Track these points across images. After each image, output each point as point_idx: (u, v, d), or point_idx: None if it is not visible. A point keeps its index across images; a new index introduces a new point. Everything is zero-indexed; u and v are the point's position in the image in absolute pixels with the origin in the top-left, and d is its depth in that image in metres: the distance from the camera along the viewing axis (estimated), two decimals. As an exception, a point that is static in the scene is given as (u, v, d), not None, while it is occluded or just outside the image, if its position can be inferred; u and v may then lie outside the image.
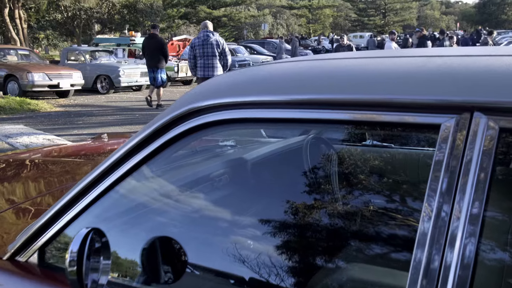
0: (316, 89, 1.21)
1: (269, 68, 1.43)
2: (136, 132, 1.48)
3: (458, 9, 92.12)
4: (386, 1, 65.30)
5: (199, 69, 8.89)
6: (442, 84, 1.10)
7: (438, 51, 1.47)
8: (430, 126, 1.10)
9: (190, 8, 45.79)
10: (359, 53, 1.53)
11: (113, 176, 1.47)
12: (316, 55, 1.59)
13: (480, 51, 1.41)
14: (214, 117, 1.32)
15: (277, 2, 72.39)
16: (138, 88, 16.94)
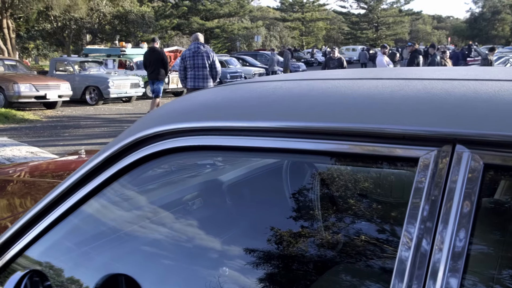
0: (278, 115, 1.08)
1: (230, 91, 1.30)
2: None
3: (449, 23, 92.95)
4: (378, 14, 65.78)
5: (189, 80, 8.96)
6: (420, 112, 0.98)
7: (418, 72, 1.35)
8: (406, 159, 0.98)
9: (183, 19, 45.80)
10: (332, 73, 1.41)
11: (63, 206, 1.35)
12: (284, 75, 1.47)
13: (465, 74, 1.29)
14: (168, 145, 1.19)
15: (270, 14, 72.70)
16: (128, 100, 16.79)
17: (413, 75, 1.26)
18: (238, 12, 50.94)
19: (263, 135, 1.08)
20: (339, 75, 1.36)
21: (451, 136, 0.92)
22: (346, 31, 69.74)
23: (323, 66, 14.28)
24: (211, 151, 1.22)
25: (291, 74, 1.48)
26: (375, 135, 0.98)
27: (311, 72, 1.54)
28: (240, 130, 1.11)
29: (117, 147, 1.24)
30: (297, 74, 1.49)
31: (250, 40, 58.97)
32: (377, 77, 1.25)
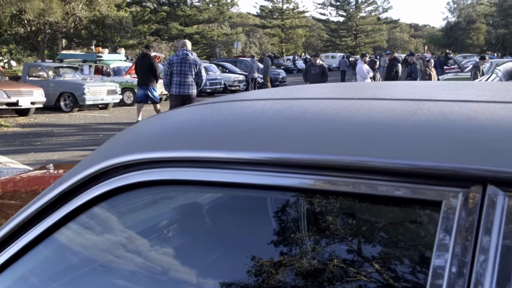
0: (266, 144, 0.88)
1: (209, 112, 1.10)
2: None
3: (426, 32, 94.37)
4: (357, 22, 66.36)
5: (174, 86, 9.04)
6: (439, 144, 0.79)
7: (427, 90, 1.16)
8: (424, 202, 0.78)
9: (161, 24, 45.44)
10: (324, 91, 1.21)
11: (9, 250, 1.14)
12: (271, 92, 1.28)
13: (480, 94, 1.11)
14: (132, 179, 0.98)
15: (250, 21, 72.78)
16: (105, 107, 16.43)
17: (422, 94, 1.07)
18: (218, 18, 50.80)
19: (248, 168, 0.88)
20: (333, 93, 1.16)
21: (481, 175, 0.73)
22: (326, 39, 70.20)
23: (304, 73, 13.99)
24: (184, 187, 1.01)
25: (279, 91, 1.28)
26: (385, 171, 0.79)
27: (299, 88, 1.35)
28: (220, 162, 0.91)
29: (72, 182, 1.03)
30: (286, 90, 1.30)
31: (230, 46, 58.87)
32: (378, 97, 1.06)
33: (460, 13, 70.76)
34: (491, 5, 54.82)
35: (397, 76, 13.23)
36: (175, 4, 47.92)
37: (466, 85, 1.27)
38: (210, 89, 21.90)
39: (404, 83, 1.45)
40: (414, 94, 1.08)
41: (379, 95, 1.07)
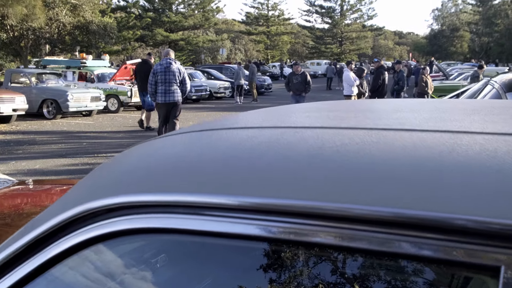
0: (244, 185, 0.75)
1: (187, 143, 0.95)
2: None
3: (410, 39, 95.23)
4: (342, 29, 66.70)
5: (160, 95, 9.13)
6: (489, 192, 0.65)
7: (452, 116, 1.01)
8: (476, 267, 0.64)
9: (146, 30, 45.16)
10: (321, 115, 1.07)
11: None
12: (250, 115, 1.14)
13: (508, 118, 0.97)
14: (120, 225, 0.83)
15: (235, 27, 72.78)
16: (88, 114, 16.16)
17: (452, 124, 0.92)
18: (203, 25, 50.66)
19: (232, 215, 0.75)
20: (335, 118, 1.02)
21: None
22: (311, 45, 70.39)
23: (287, 82, 13.64)
24: (180, 236, 0.86)
25: (267, 116, 1.14)
26: (414, 223, 0.65)
27: (285, 110, 1.21)
28: (196, 207, 0.77)
29: (44, 228, 0.88)
30: (279, 116, 1.15)
31: (215, 52, 58.75)
32: (403, 127, 0.90)
33: (444, 21, 71.54)
34: (475, 13, 55.46)
35: (384, 84, 13.17)
36: (160, 10, 47.70)
37: (499, 107, 1.14)
38: (195, 96, 21.70)
39: (414, 104, 1.31)
40: (436, 120, 0.93)
41: (395, 124, 0.92)
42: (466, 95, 9.27)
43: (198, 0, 49.62)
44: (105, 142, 10.98)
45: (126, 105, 17.51)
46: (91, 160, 8.81)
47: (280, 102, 12.81)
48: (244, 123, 1.06)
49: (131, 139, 11.43)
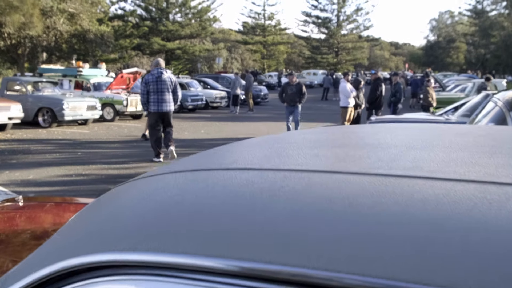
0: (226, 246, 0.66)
1: (181, 189, 0.87)
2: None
3: (406, 50, 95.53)
4: (338, 40, 66.88)
5: (152, 104, 9.28)
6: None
7: (473, 152, 0.94)
8: None
9: (143, 39, 45.15)
10: (324, 153, 0.98)
11: None
12: (249, 148, 1.07)
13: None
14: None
15: (232, 37, 72.88)
16: (84, 122, 16.07)
17: (475, 169, 0.81)
18: (200, 34, 50.70)
19: (233, 283, 0.66)
20: (344, 157, 0.93)
21: None
22: (307, 55, 70.53)
23: (281, 93, 13.29)
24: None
25: (267, 149, 1.07)
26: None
27: (287, 142, 1.14)
28: (193, 271, 0.68)
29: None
30: (273, 145, 1.07)
31: (212, 61, 58.79)
32: (408, 173, 0.80)
33: (440, 32, 71.85)
34: (471, 25, 55.74)
35: (381, 96, 13.14)
36: (157, 19, 47.74)
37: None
38: (191, 105, 21.64)
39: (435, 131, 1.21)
40: (463, 165, 0.84)
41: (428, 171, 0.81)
42: (465, 108, 9.24)
43: (195, 10, 49.71)
44: (100, 152, 10.88)
45: (122, 114, 17.42)
46: (85, 171, 8.72)
47: (276, 112, 12.83)
48: (243, 160, 0.97)
49: (125, 149, 11.34)
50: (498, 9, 46.31)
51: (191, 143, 12.60)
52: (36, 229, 2.30)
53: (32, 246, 1.87)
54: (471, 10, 56.96)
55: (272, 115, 20.26)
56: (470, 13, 57.02)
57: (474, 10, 55.57)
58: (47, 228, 2.38)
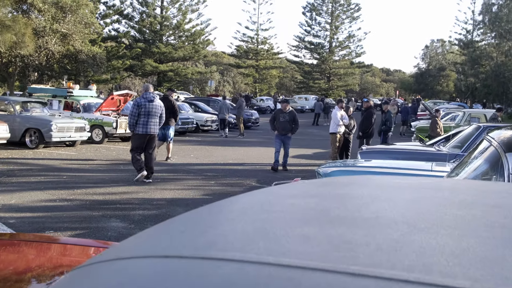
0: None
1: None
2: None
3: (397, 77, 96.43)
4: (330, 65, 67.40)
5: (141, 126, 9.74)
6: None
7: (489, 239, 0.80)
8: None
9: (136, 60, 45.26)
10: (319, 236, 0.83)
11: None
12: (226, 222, 0.92)
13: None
14: None
15: (224, 60, 73.26)
16: (72, 144, 15.85)
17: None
18: (193, 57, 50.94)
19: None
20: (340, 244, 0.79)
21: None
22: (299, 80, 70.93)
23: (272, 120, 12.54)
24: None
25: (247, 223, 0.92)
26: None
27: (274, 212, 1.00)
28: None
29: None
30: (254, 218, 0.93)
31: (204, 84, 58.99)
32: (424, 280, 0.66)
33: (430, 60, 72.69)
34: (461, 54, 56.44)
35: (374, 124, 13.12)
36: (150, 41, 47.95)
37: None
38: (182, 128, 21.48)
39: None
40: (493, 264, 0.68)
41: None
42: (457, 140, 9.18)
43: (189, 33, 50.03)
44: (86, 176, 10.67)
45: (111, 136, 17.23)
46: (70, 196, 8.50)
47: (267, 137, 12.70)
48: (222, 241, 0.82)
49: (113, 172, 11.14)
50: (488, 40, 47.00)
51: (179, 167, 12.42)
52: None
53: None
54: (461, 40, 57.76)
55: (262, 140, 20.15)
56: (460, 42, 57.81)
57: (464, 40, 56.38)
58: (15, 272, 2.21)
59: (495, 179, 3.39)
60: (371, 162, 7.47)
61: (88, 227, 6.64)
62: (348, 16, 66.79)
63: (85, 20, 28.80)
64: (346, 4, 66.27)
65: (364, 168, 6.89)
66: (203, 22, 51.30)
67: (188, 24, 50.19)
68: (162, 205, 8.17)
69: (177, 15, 49.81)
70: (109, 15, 42.88)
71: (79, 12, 28.09)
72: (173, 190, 9.40)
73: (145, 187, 9.53)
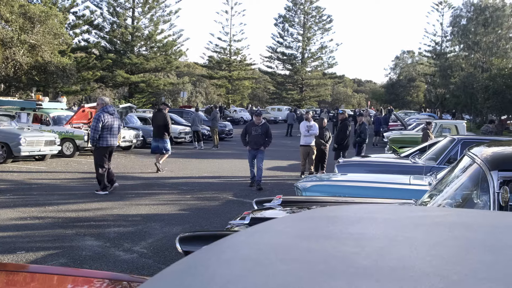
0: None
1: None
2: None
3: (368, 87, 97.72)
4: (303, 76, 67.87)
5: (104, 139, 10.08)
6: None
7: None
8: None
9: (107, 71, 44.65)
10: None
11: None
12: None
13: None
14: None
15: (197, 71, 73.01)
16: (42, 158, 15.44)
17: None
18: (165, 68, 50.55)
19: None
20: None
21: None
22: (272, 91, 71.18)
23: (243, 134, 11.75)
24: None
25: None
26: None
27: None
28: None
29: None
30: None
31: (176, 95, 58.59)
32: None
33: (401, 71, 73.90)
34: (430, 65, 57.50)
35: (349, 137, 13.19)
36: (121, 51, 47.38)
37: None
38: (155, 140, 21.19)
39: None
40: None
41: None
42: (432, 152, 9.24)
43: (161, 43, 49.67)
44: (57, 192, 10.36)
45: (82, 149, 16.87)
46: (41, 213, 8.21)
47: (241, 149, 12.53)
48: None
49: (85, 188, 10.85)
50: (456, 51, 48.02)
51: (154, 181, 12.20)
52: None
53: None
54: (431, 51, 58.87)
55: (236, 152, 20.02)
56: (430, 54, 58.91)
57: (433, 51, 57.47)
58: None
59: (480, 197, 3.35)
60: (348, 176, 7.43)
61: (62, 246, 6.40)
62: (320, 28, 67.53)
63: (54, 31, 28.31)
64: (318, 16, 67.03)
65: (342, 182, 6.85)
66: (175, 33, 51.07)
67: (160, 34, 49.86)
68: (137, 221, 7.97)
69: (148, 25, 49.44)
70: (79, 25, 42.24)
71: (48, 22, 27.59)
72: (148, 206, 9.20)
73: (119, 203, 9.29)
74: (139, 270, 5.61)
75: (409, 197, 5.01)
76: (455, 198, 3.68)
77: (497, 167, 3.01)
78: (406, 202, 4.55)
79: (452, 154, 8.47)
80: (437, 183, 4.57)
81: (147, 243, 6.71)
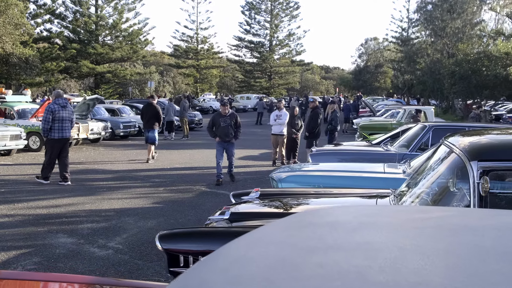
0: None
1: None
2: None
3: (336, 74, 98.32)
4: (271, 64, 67.83)
5: (56, 131, 10.25)
6: None
7: None
8: None
9: (71, 62, 43.64)
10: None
11: None
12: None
13: None
14: None
15: (164, 60, 72.10)
16: (7, 153, 15.01)
17: None
18: (131, 57, 49.72)
19: None
20: None
21: None
22: (240, 79, 70.95)
23: (210, 126, 11.11)
24: None
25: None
26: None
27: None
28: None
29: None
30: None
31: (143, 85, 57.74)
32: None
33: (368, 58, 74.60)
34: (397, 51, 58.18)
35: (320, 125, 13.23)
36: (86, 41, 46.29)
37: None
38: (123, 132, 20.90)
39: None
40: None
41: None
42: (404, 139, 9.35)
43: (126, 32, 48.78)
44: (26, 188, 10.09)
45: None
46: (11, 211, 7.99)
47: (211, 139, 12.23)
48: None
49: (54, 184, 10.59)
50: (423, 37, 48.66)
51: (125, 174, 12.01)
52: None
53: None
54: (398, 37, 59.58)
55: (207, 142, 19.85)
56: (397, 40, 59.62)
57: (400, 38, 58.16)
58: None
59: (459, 187, 3.38)
60: (324, 165, 7.45)
61: (34, 244, 6.23)
62: (287, 15, 67.48)
63: (15, 21, 27.44)
64: (285, 3, 66.92)
65: (318, 172, 6.86)
66: (140, 22, 50.15)
67: (125, 23, 48.91)
68: (111, 216, 7.83)
69: (113, 14, 48.39)
70: (40, 14, 41.00)
71: (8, 12, 26.72)
72: (121, 200, 9.05)
73: (91, 197, 9.12)
74: (115, 266, 5.51)
75: (386, 186, 5.04)
76: (434, 188, 3.70)
77: (476, 157, 3.03)
78: (384, 192, 4.57)
79: (424, 141, 8.59)
80: (414, 173, 4.61)
81: (122, 238, 6.61)
